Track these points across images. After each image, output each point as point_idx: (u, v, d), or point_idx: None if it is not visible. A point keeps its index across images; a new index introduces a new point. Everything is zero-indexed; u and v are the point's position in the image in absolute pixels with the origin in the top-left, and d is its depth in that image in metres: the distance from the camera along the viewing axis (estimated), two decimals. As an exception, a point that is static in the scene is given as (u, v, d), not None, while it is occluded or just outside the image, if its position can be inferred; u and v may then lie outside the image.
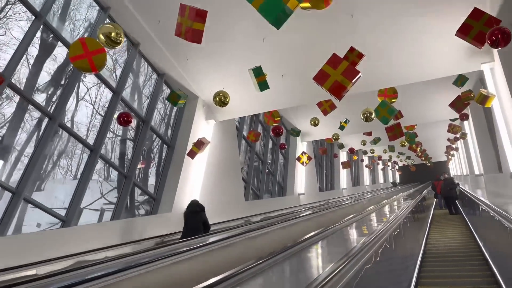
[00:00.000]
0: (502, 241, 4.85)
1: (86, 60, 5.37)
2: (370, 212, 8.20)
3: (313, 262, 3.37)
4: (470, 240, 8.46)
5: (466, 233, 9.52)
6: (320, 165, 20.15)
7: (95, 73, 5.49)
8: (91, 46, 5.24)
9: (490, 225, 5.61)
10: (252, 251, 5.39)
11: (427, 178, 31.45)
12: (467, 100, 9.33)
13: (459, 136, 14.65)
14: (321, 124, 15.08)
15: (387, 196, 18.23)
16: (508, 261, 4.68)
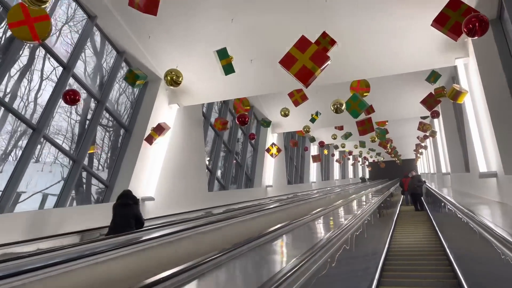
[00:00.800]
0: (467, 241, 4.84)
1: (27, 27, 4.72)
2: (338, 206, 8.00)
3: (271, 260, 3.10)
4: (434, 238, 8.64)
5: (430, 231, 9.80)
6: (291, 158, 19.86)
7: (37, 42, 4.84)
8: (33, 12, 4.59)
9: (454, 224, 5.62)
10: (205, 246, 4.94)
11: (396, 175, 31.93)
12: (440, 96, 9.16)
13: (429, 134, 14.65)
14: (292, 116, 14.73)
15: (355, 191, 18.28)
16: (471, 261, 4.72)
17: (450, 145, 12.27)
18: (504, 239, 2.62)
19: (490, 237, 3.06)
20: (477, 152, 6.18)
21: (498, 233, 2.86)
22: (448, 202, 6.37)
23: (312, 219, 5.40)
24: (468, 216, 4.30)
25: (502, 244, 2.64)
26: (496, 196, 5.83)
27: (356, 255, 4.66)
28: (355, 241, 4.40)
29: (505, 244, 2.57)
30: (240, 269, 2.78)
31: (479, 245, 3.75)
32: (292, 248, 3.75)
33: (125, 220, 4.56)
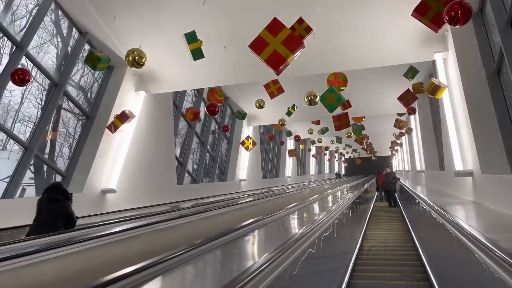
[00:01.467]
0: (438, 239, 4.85)
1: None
2: (312, 202, 7.78)
3: (233, 259, 2.91)
4: (406, 235, 8.84)
5: (402, 227, 10.02)
6: (266, 152, 19.54)
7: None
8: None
9: (426, 221, 5.68)
10: (162, 246, 4.51)
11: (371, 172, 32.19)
12: (418, 92, 8.97)
13: (405, 131, 14.58)
14: (269, 109, 14.36)
15: (330, 187, 18.19)
16: (441, 258, 4.72)
17: (425, 142, 12.20)
18: (475, 239, 2.55)
19: (461, 236, 3.00)
20: (453, 150, 5.97)
21: (468, 231, 2.82)
22: (421, 199, 6.35)
23: (285, 215, 5.21)
24: (440, 214, 4.24)
25: (473, 243, 2.58)
26: (471, 195, 5.63)
27: (328, 251, 4.63)
28: (327, 238, 4.32)
29: (476, 244, 2.52)
30: (195, 271, 2.49)
31: (450, 243, 3.77)
32: (261, 245, 3.53)
33: (52, 218, 3.94)
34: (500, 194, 4.53)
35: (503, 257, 1.91)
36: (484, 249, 2.30)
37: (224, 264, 2.73)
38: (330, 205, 6.75)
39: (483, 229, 3.44)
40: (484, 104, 5.45)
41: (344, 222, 6.05)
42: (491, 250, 2.13)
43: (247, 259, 2.82)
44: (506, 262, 1.87)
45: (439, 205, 4.94)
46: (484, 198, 5.07)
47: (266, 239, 3.85)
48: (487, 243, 2.26)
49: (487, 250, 2.22)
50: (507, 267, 1.86)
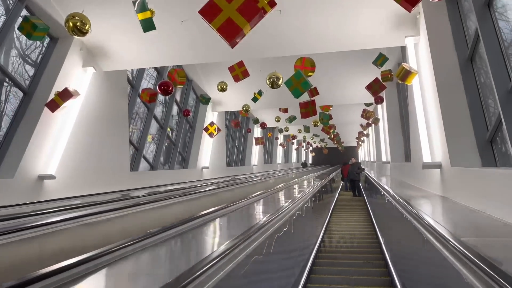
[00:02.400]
0: (399, 231, 4.88)
1: None
2: (276, 191, 7.58)
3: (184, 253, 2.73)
4: (368, 224, 9.41)
5: (365, 216, 10.65)
6: (232, 139, 18.96)
7: None
8: None
9: (389, 214, 5.71)
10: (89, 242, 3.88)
11: (338, 162, 32.44)
12: (386, 80, 8.63)
13: (371, 121, 14.39)
14: (234, 94, 13.78)
15: (296, 176, 17.98)
16: (401, 248, 4.80)
17: (391, 133, 12.01)
18: (436, 232, 2.50)
19: (421, 227, 2.96)
20: (421, 140, 5.62)
21: (427, 221, 2.81)
22: (385, 191, 6.32)
23: (245, 205, 5.07)
24: (402, 206, 4.11)
25: (435, 237, 2.51)
26: (439, 189, 5.31)
27: (290, 242, 4.62)
28: (290, 227, 4.25)
29: (436, 237, 2.49)
30: (129, 269, 2.24)
31: (410, 234, 3.81)
32: (217, 237, 3.34)
33: None
34: (470, 188, 4.19)
35: (467, 254, 1.86)
36: (442, 241, 2.25)
37: (171, 259, 2.53)
38: (295, 195, 6.59)
39: (443, 221, 3.19)
40: (456, 92, 5.11)
41: (307, 213, 6.09)
42: (453, 245, 2.08)
43: (197, 253, 2.64)
44: (467, 258, 1.85)
45: (403, 197, 4.68)
46: (452, 192, 4.74)
47: (223, 230, 3.64)
48: (449, 237, 2.19)
49: (445, 242, 2.19)
50: (466, 262, 1.85)
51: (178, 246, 2.87)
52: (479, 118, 4.83)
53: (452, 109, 5.03)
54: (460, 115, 4.94)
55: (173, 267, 2.20)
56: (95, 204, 4.89)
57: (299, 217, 5.12)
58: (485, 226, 3.07)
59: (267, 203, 5.54)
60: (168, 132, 12.65)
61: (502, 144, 4.55)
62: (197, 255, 2.46)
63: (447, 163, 4.88)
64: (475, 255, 1.78)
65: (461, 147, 4.74)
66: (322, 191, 9.95)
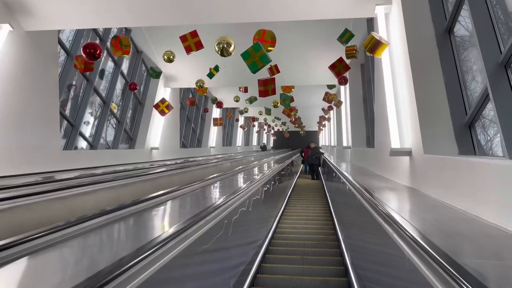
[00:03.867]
0: (356, 218, 4.83)
1: None
2: (233, 174, 7.28)
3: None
4: (325, 205, 9.98)
5: (322, 197, 11.23)
6: (188, 119, 17.83)
7: None
8: None
9: (344, 199, 5.74)
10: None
11: (299, 146, 32.28)
12: (351, 57, 7.91)
13: (334, 104, 13.81)
14: (190, 69, 12.71)
15: (256, 159, 17.36)
16: (355, 234, 4.78)
17: (354, 116, 11.46)
18: (392, 220, 2.37)
19: (388, 227, 2.57)
20: (390, 123, 4.92)
21: (384, 211, 2.63)
22: (345, 178, 6.08)
23: (191, 191, 4.71)
24: (365, 199, 3.68)
25: (404, 240, 2.14)
26: (406, 179, 4.66)
27: (248, 223, 4.58)
28: (248, 209, 4.12)
29: (391, 224, 2.38)
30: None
31: (365, 222, 3.76)
32: (154, 226, 2.89)
33: None
34: (446, 180, 3.52)
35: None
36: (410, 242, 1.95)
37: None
38: (251, 178, 6.27)
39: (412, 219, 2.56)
40: (431, 69, 4.41)
41: (265, 196, 6.13)
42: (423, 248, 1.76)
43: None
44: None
45: (366, 187, 4.12)
46: (423, 183, 4.08)
47: (166, 217, 3.20)
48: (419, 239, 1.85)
49: (413, 244, 1.90)
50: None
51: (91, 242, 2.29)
52: (457, 99, 4.17)
53: (426, 88, 4.34)
54: (435, 95, 4.26)
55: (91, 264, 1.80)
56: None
57: (252, 205, 4.91)
58: (463, 228, 2.40)
59: (214, 189, 5.01)
60: (114, 109, 11.41)
61: (482, 129, 3.92)
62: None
63: (418, 150, 4.20)
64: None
65: (436, 132, 4.07)
66: (280, 175, 9.85)
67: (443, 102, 4.19)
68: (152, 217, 2.99)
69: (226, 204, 3.43)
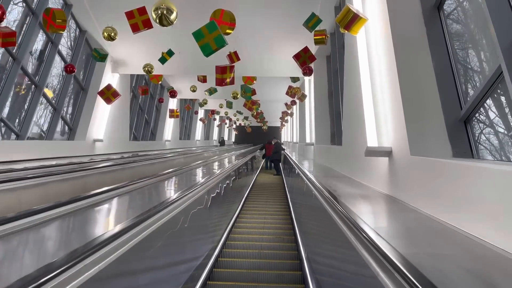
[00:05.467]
0: (312, 216, 4.87)
1: None
2: (184, 171, 6.72)
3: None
4: (284, 197, 10.17)
5: (281, 189, 11.41)
6: (141, 109, 16.46)
7: None
8: None
9: (310, 203, 5.21)
10: None
11: (261, 141, 31.69)
12: (320, 42, 7.09)
13: (297, 98, 13.04)
14: (142, 53, 11.48)
15: (213, 154, 16.43)
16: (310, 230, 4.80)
17: (318, 111, 10.71)
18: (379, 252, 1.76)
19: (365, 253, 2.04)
20: (366, 117, 4.08)
21: (366, 236, 2.03)
22: (309, 181, 5.54)
23: (128, 191, 4.19)
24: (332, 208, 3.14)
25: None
26: (384, 185, 3.85)
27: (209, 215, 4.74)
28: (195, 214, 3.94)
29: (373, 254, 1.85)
30: None
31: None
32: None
33: None
34: (441, 190, 2.71)
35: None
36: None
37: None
38: (208, 174, 6.13)
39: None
40: (418, 52, 3.61)
41: (223, 192, 6.11)
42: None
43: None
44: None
45: (334, 193, 3.47)
46: (407, 192, 3.27)
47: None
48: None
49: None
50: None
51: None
52: (448, 87, 3.40)
53: (413, 75, 3.53)
54: (423, 84, 3.46)
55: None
56: None
57: (209, 202, 4.89)
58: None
59: (156, 190, 4.67)
60: (50, 94, 9.99)
61: (480, 125, 3.17)
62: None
63: (402, 151, 3.39)
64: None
65: (425, 129, 3.27)
66: (239, 171, 9.65)
67: (433, 93, 3.40)
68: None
69: (180, 200, 3.36)
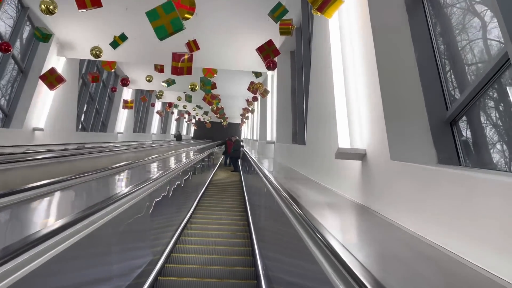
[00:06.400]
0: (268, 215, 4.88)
1: None
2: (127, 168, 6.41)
3: None
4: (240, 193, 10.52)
5: (240, 192, 11.23)
6: (91, 97, 15.28)
7: None
8: None
9: (267, 202, 5.15)
10: None
11: (221, 137, 31.12)
12: (286, 33, 6.60)
13: (260, 93, 12.55)
14: (91, 35, 10.48)
15: (169, 149, 15.69)
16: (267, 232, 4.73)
17: (280, 109, 10.28)
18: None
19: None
20: (338, 116, 3.61)
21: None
22: (259, 170, 5.90)
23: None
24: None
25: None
26: (354, 191, 3.40)
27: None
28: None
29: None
30: None
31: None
32: None
33: None
34: (423, 200, 2.28)
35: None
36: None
37: None
38: (159, 171, 5.93)
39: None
40: (400, 43, 3.19)
41: (178, 188, 6.11)
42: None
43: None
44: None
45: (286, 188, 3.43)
46: (384, 203, 2.82)
47: None
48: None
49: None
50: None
51: None
52: (432, 84, 2.99)
53: (394, 70, 3.09)
54: (406, 79, 3.04)
55: None
56: None
57: (163, 197, 4.93)
58: None
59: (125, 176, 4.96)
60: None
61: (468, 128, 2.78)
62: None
63: (380, 155, 2.94)
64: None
65: (407, 130, 2.84)
66: (196, 167, 9.54)
67: (416, 90, 2.98)
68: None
69: (133, 194, 3.39)
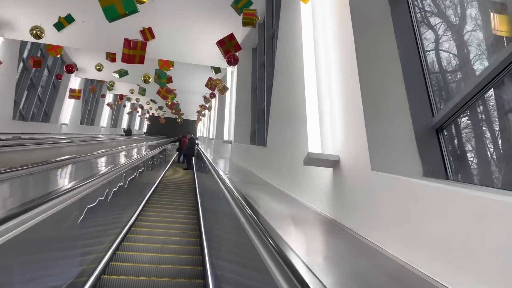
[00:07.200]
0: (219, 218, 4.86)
1: None
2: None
3: None
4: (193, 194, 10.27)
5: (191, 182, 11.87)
6: (34, 85, 13.96)
7: None
8: None
9: (220, 204, 4.88)
10: None
11: (175, 134, 30.23)
12: (249, 24, 6.16)
13: (218, 89, 12.01)
14: (34, 15, 9.49)
15: (118, 145, 14.78)
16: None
17: (240, 107, 9.83)
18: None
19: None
20: (308, 117, 3.19)
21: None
22: (214, 171, 5.75)
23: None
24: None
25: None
26: (320, 202, 3.01)
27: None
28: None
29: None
30: None
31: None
32: None
33: None
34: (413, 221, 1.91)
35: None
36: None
37: None
38: (105, 167, 5.80)
39: None
40: (382, 36, 2.84)
41: (127, 184, 5.97)
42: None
43: None
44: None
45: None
46: (359, 218, 2.44)
47: None
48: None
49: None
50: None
51: None
52: (417, 87, 2.66)
53: (376, 68, 2.73)
54: (388, 79, 2.68)
55: None
56: None
57: (110, 193, 4.89)
58: None
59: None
60: None
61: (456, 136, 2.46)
62: None
63: (359, 163, 2.55)
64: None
65: (390, 137, 2.48)
66: (147, 164, 9.29)
67: (400, 89, 2.63)
68: None
69: (78, 189, 3.36)
